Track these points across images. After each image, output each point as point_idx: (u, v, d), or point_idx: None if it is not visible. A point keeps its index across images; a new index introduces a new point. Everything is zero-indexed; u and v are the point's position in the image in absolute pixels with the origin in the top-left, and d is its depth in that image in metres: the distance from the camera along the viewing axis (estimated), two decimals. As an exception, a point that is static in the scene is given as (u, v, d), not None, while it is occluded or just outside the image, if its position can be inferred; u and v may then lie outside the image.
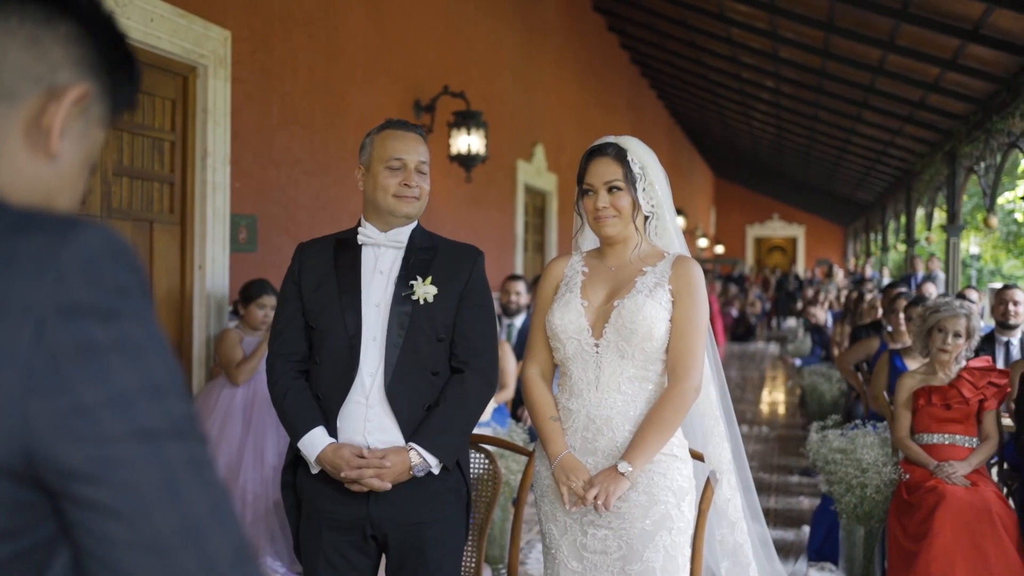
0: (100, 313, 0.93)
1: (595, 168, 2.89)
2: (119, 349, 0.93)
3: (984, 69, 9.09)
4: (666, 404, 2.75)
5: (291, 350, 2.91)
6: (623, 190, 2.84)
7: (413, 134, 2.97)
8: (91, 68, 1.06)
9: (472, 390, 2.85)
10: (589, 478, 2.74)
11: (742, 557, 3.21)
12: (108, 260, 0.95)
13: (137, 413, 0.93)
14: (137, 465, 0.92)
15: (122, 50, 1.10)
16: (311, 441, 2.79)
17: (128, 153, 4.99)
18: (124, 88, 1.12)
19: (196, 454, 0.97)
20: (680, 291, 2.82)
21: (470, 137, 8.36)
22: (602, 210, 2.85)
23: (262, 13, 5.94)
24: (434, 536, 2.82)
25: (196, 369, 5.41)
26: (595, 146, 2.94)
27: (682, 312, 2.81)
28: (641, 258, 2.92)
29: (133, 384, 0.93)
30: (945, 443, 4.79)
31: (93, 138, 1.10)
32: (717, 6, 11.46)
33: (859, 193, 21.99)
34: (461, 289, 2.89)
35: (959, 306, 4.91)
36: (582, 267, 2.99)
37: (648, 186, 2.90)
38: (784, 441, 9.40)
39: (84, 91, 1.05)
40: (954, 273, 12.05)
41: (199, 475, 0.96)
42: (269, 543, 4.77)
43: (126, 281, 0.96)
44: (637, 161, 2.88)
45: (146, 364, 0.95)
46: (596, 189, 2.87)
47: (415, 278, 2.85)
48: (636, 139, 2.95)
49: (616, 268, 2.93)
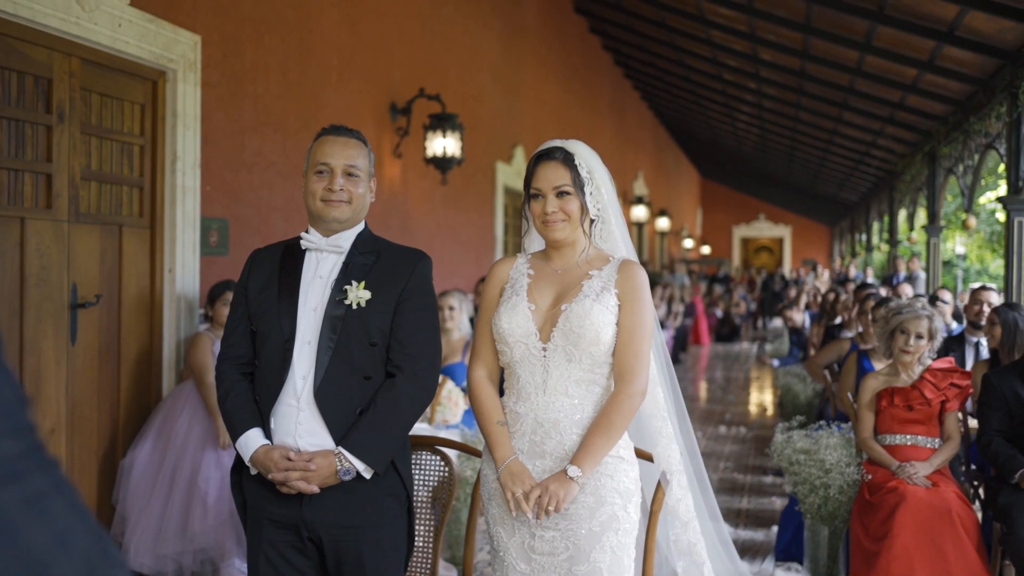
0: None
1: (543, 172, 2.89)
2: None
3: (961, 70, 9.15)
4: (613, 408, 2.77)
5: (236, 353, 2.95)
6: (571, 194, 2.85)
7: (344, 138, 2.99)
8: None
9: (404, 394, 2.85)
10: (535, 484, 2.75)
11: (696, 556, 3.24)
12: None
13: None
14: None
15: None
16: (246, 442, 2.83)
17: (96, 157, 5.01)
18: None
19: (29, 491, 0.92)
20: (626, 295, 2.84)
21: (446, 140, 8.37)
22: (551, 214, 2.85)
23: (233, 17, 5.95)
24: (371, 541, 2.84)
25: (166, 373, 5.42)
26: (542, 150, 2.94)
27: (628, 316, 2.82)
28: (587, 261, 2.93)
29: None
30: (907, 444, 4.83)
31: None
32: (696, 8, 11.51)
33: (843, 193, 22.08)
34: (399, 293, 2.90)
35: (921, 307, 4.94)
36: (527, 269, 2.99)
37: (595, 190, 2.91)
38: (761, 442, 9.43)
39: None
40: (935, 273, 12.11)
41: (37, 511, 0.92)
42: (236, 545, 4.78)
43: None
44: (584, 165, 2.89)
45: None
46: (544, 193, 2.87)
47: (350, 283, 2.88)
48: (583, 143, 2.96)
49: (562, 271, 2.94)
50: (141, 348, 5.35)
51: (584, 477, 2.72)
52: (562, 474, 2.72)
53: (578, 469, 2.70)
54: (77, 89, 4.83)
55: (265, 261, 3.03)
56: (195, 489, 4.78)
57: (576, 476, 2.70)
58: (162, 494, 4.83)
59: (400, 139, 8.27)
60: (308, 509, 2.81)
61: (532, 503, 2.70)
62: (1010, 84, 8.05)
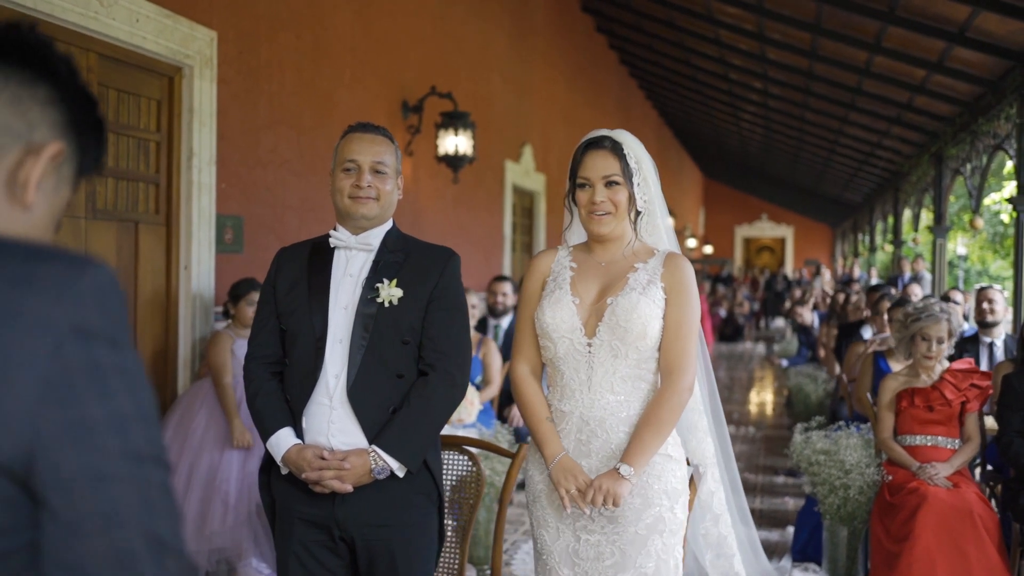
0: (109, 340, 1.03)
1: (591, 161, 2.82)
2: (120, 375, 1.03)
3: (970, 71, 9.14)
4: (662, 404, 2.72)
5: (265, 352, 2.93)
6: (620, 185, 2.79)
7: (371, 135, 2.97)
8: (65, 129, 1.17)
9: (437, 393, 2.83)
10: (589, 480, 2.70)
11: (726, 549, 3.18)
12: (115, 295, 1.06)
13: (131, 435, 1.03)
14: (123, 482, 1.01)
15: (93, 115, 1.21)
16: (277, 442, 2.81)
17: (113, 153, 4.98)
18: (92, 151, 1.22)
19: (167, 481, 1.07)
20: (673, 289, 2.78)
21: (458, 138, 8.36)
22: (599, 204, 2.79)
23: (248, 14, 5.93)
24: (403, 540, 2.82)
25: (181, 371, 5.40)
26: (590, 139, 2.87)
27: (675, 310, 2.77)
28: (633, 254, 2.87)
29: (130, 408, 1.03)
30: (927, 444, 4.82)
31: (62, 195, 1.20)
32: (705, 8, 11.49)
33: (847, 194, 22.05)
34: (430, 291, 2.88)
35: (940, 310, 4.91)
36: (570, 262, 2.93)
37: (642, 181, 2.85)
38: (770, 442, 9.43)
39: (59, 149, 1.15)
40: (940, 274, 12.10)
41: (167, 500, 1.06)
42: (253, 545, 4.76)
43: (125, 316, 1.07)
44: (633, 155, 2.83)
45: (139, 393, 1.05)
46: (593, 183, 2.80)
47: (381, 281, 2.86)
48: (629, 133, 2.91)
49: (607, 264, 2.88)
50: (156, 346, 5.33)
51: (636, 475, 2.67)
52: (614, 472, 2.67)
53: (630, 468, 2.65)
54: (94, 84, 4.80)
55: (293, 259, 3.00)
56: (214, 488, 4.75)
57: (628, 474, 2.65)
58: (179, 493, 4.81)
59: (412, 137, 8.25)
60: (341, 508, 2.79)
61: (588, 500, 2.65)
62: (1021, 85, 8.04)
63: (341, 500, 2.79)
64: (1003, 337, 6.58)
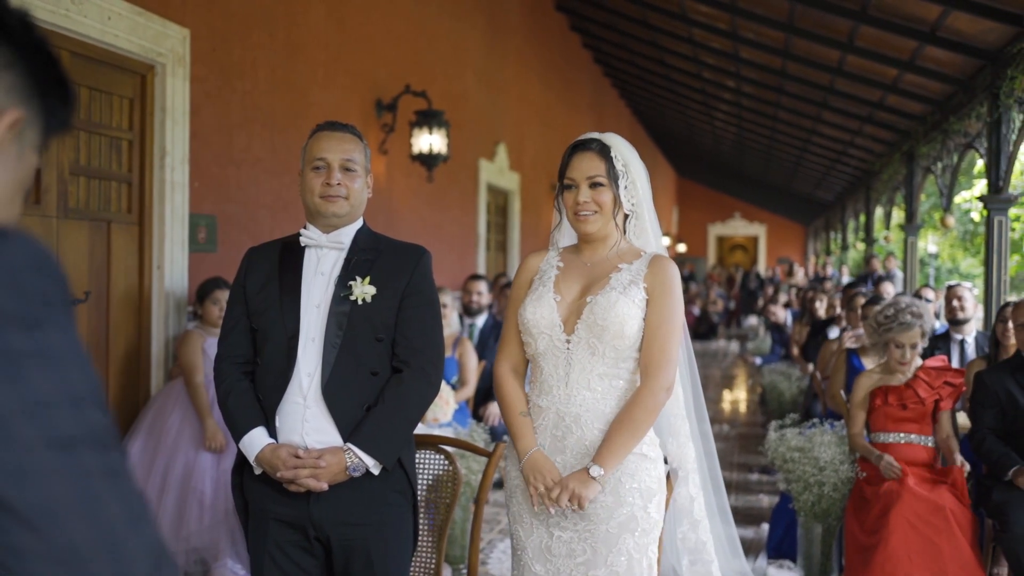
0: (23, 322, 0.94)
1: (577, 163, 2.86)
2: (39, 358, 0.94)
3: (941, 71, 9.21)
4: (637, 404, 2.73)
5: (236, 352, 2.92)
6: (605, 186, 2.83)
7: (340, 133, 2.97)
8: (24, 94, 1.06)
9: (411, 390, 2.84)
10: (559, 479, 2.71)
11: (704, 555, 3.19)
12: (32, 271, 0.96)
13: (53, 422, 0.93)
14: (52, 474, 0.92)
15: (55, 73, 1.09)
16: (250, 441, 2.80)
17: (85, 152, 4.94)
18: (58, 111, 1.12)
19: (113, 464, 0.97)
20: (656, 290, 2.80)
21: (432, 136, 8.34)
22: (583, 205, 2.83)
23: (221, 11, 5.90)
24: (380, 538, 2.82)
25: (155, 370, 5.36)
26: (578, 141, 2.92)
27: (657, 311, 2.79)
28: (618, 255, 2.90)
29: (51, 393, 0.93)
30: (901, 442, 4.85)
31: (27, 161, 1.10)
32: (679, 7, 11.52)
33: (820, 192, 22.18)
34: (403, 289, 2.88)
35: (911, 316, 4.90)
36: (557, 262, 2.97)
37: (630, 184, 2.88)
38: (745, 439, 9.48)
39: (18, 116, 1.05)
40: (912, 272, 12.20)
41: (115, 485, 0.96)
42: (230, 545, 4.73)
43: (49, 291, 0.97)
44: (620, 158, 2.86)
45: (66, 374, 0.96)
46: (578, 184, 2.84)
47: (354, 279, 2.85)
48: (620, 137, 2.94)
49: (592, 264, 2.91)
50: (129, 345, 5.28)
51: (606, 476, 2.68)
52: (583, 472, 2.68)
53: (600, 468, 2.67)
54: (66, 83, 4.74)
55: (263, 259, 2.99)
56: (190, 488, 4.73)
57: (598, 475, 2.66)
58: (154, 493, 4.77)
59: (386, 136, 8.23)
60: (316, 507, 2.78)
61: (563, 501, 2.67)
62: (991, 84, 8.10)
63: (316, 499, 2.77)
64: (974, 334, 6.63)
